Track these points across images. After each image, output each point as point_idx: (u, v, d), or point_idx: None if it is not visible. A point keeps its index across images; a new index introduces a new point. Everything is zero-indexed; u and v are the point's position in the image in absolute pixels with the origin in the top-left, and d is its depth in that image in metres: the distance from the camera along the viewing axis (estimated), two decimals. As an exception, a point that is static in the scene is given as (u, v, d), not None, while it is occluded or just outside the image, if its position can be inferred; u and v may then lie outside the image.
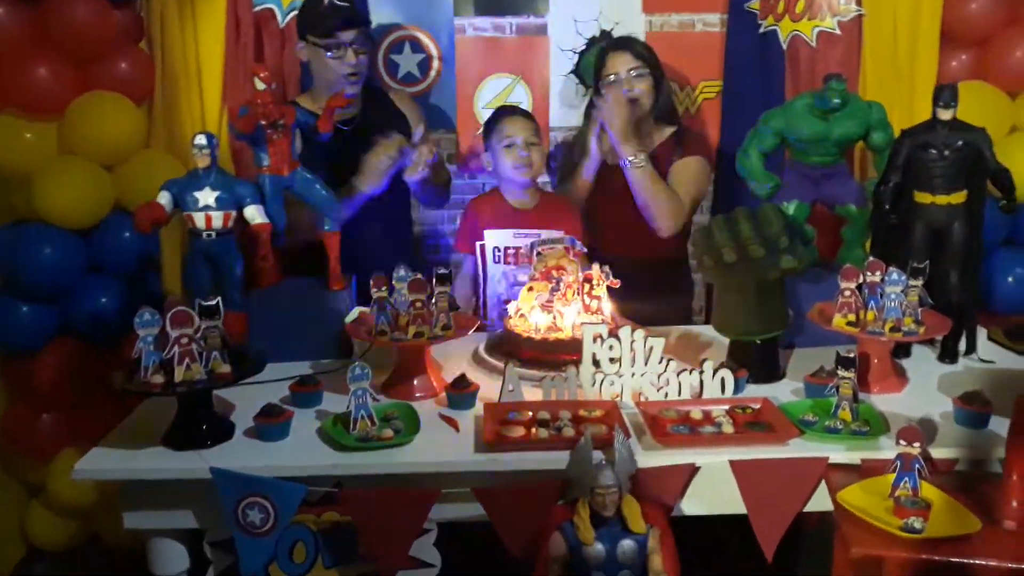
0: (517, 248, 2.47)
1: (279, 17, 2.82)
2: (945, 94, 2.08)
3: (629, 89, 2.59)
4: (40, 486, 2.67)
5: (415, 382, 1.98)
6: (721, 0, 2.98)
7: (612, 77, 2.61)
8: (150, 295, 2.61)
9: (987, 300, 2.65)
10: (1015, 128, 2.77)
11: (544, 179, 2.88)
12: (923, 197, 2.10)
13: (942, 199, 2.09)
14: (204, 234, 2.08)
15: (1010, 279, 2.74)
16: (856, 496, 1.57)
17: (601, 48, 2.73)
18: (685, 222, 2.61)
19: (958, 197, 2.09)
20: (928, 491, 1.55)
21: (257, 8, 2.81)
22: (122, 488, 1.73)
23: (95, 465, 1.70)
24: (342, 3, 2.53)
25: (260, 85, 2.09)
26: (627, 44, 2.65)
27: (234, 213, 2.09)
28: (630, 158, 2.49)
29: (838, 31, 2.85)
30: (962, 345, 2.16)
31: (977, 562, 1.42)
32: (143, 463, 1.69)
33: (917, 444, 1.54)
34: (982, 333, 2.19)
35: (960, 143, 2.07)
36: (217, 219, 2.07)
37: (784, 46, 2.91)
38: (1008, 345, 1.89)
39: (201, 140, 2.05)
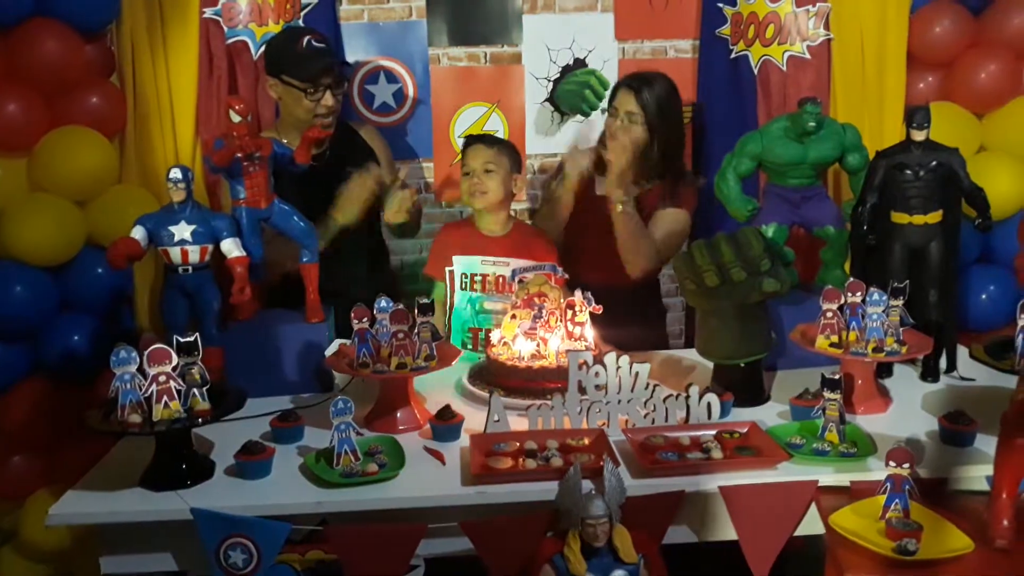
0: (484, 275, 2.45)
1: (252, 49, 2.81)
2: (918, 115, 2.10)
3: (623, 128, 2.57)
4: (12, 531, 2.59)
5: (398, 415, 1.96)
6: (692, 26, 3.02)
7: (615, 112, 2.61)
8: (124, 332, 2.57)
9: (962, 318, 2.68)
10: (983, 148, 2.82)
11: (523, 205, 2.88)
12: (900, 218, 2.13)
13: (919, 219, 2.11)
14: (180, 269, 2.05)
15: (984, 296, 2.78)
16: (847, 519, 1.56)
17: (624, 78, 2.70)
18: (656, 268, 2.60)
19: (934, 217, 2.11)
20: (919, 512, 1.55)
21: (230, 40, 2.80)
22: (100, 532, 1.68)
23: (71, 509, 1.64)
24: (319, 44, 2.52)
25: (236, 117, 2.07)
26: (638, 87, 2.59)
27: (210, 247, 2.07)
28: (618, 204, 2.48)
29: (807, 55, 2.89)
30: (942, 363, 2.18)
31: (972, 583, 1.42)
32: (121, 505, 1.64)
33: (907, 465, 1.54)
34: (962, 351, 2.20)
35: (934, 163, 2.10)
36: (194, 253, 2.04)
37: (755, 71, 2.95)
38: (990, 363, 1.90)
39: (176, 174, 2.02)
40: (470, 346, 2.47)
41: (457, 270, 2.50)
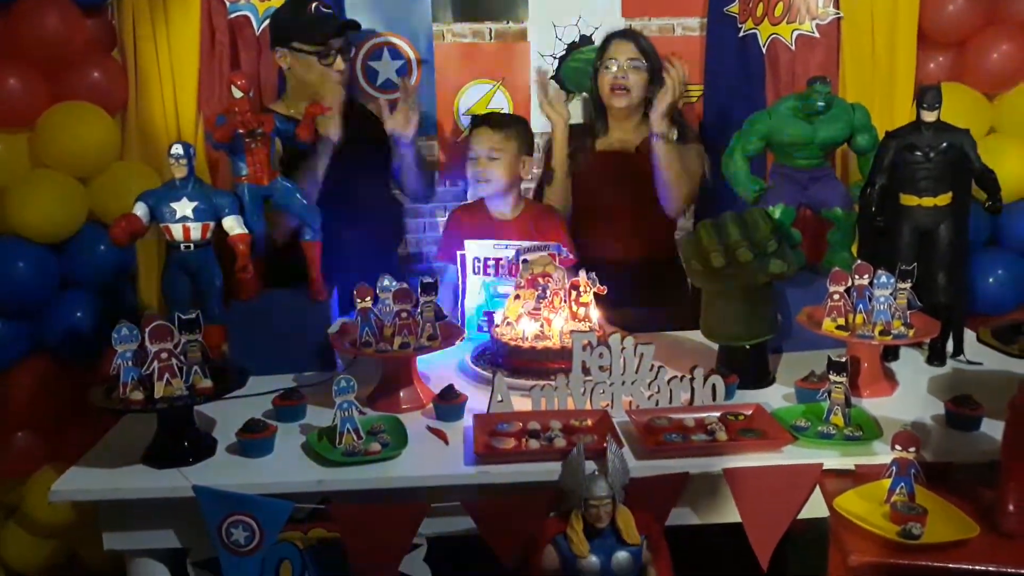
0: (497, 259, 2.44)
1: (254, 24, 2.78)
2: (929, 96, 2.07)
3: (624, 77, 2.62)
4: (15, 507, 2.60)
5: (401, 394, 1.95)
6: (700, 4, 2.97)
7: (611, 63, 2.64)
8: (126, 309, 2.56)
9: (970, 301, 2.65)
10: (993, 129, 2.78)
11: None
12: (909, 199, 2.10)
13: (928, 201, 2.09)
14: (182, 246, 2.03)
15: (991, 280, 2.76)
16: (852, 502, 1.56)
17: (607, 35, 2.76)
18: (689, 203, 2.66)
19: (944, 199, 2.09)
20: (924, 496, 1.54)
21: (232, 15, 2.77)
22: (102, 508, 1.68)
23: (73, 486, 1.64)
24: (327, 10, 2.55)
25: (238, 93, 2.06)
26: (632, 35, 2.68)
27: (212, 224, 2.05)
28: (663, 131, 2.54)
29: (817, 34, 2.85)
30: (949, 347, 2.16)
31: (977, 567, 1.41)
32: (123, 482, 1.64)
33: (912, 449, 1.53)
34: (969, 335, 2.19)
35: (945, 145, 2.07)
36: (195, 230, 2.03)
37: (764, 49, 2.91)
38: (998, 347, 1.89)
39: (178, 150, 2.00)
40: (485, 330, 2.46)
41: (469, 254, 2.49)
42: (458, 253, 2.53)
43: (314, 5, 2.54)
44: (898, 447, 1.54)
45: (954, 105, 2.34)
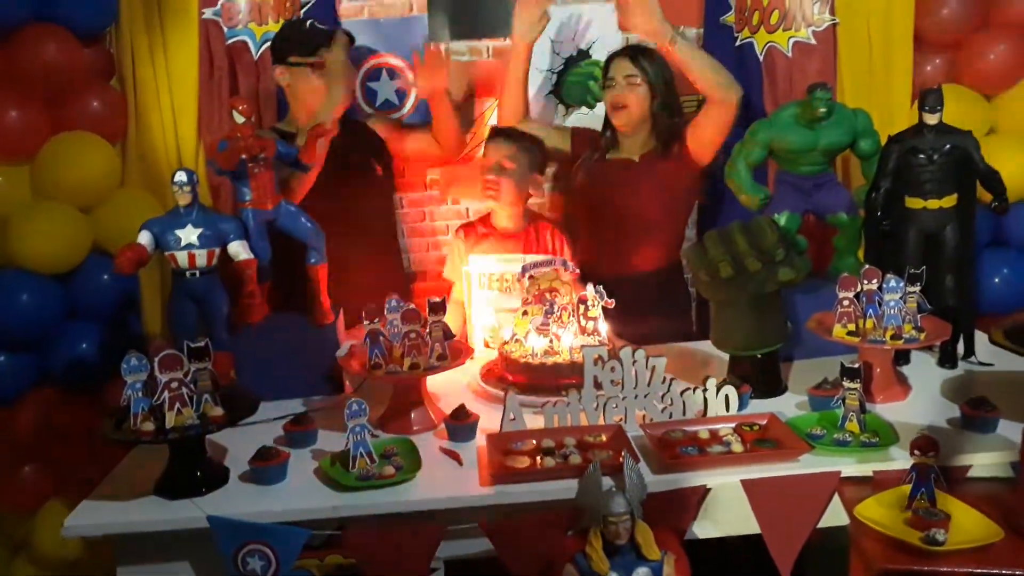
0: (502, 274, 2.44)
1: (252, 49, 2.79)
2: (931, 98, 2.07)
3: (621, 95, 2.61)
4: (24, 542, 2.58)
5: (412, 415, 1.94)
6: (696, 14, 2.98)
7: (611, 82, 2.64)
8: (131, 339, 2.55)
9: (976, 302, 2.65)
10: (993, 130, 2.78)
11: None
12: (914, 203, 2.10)
13: (934, 203, 2.08)
14: (188, 273, 2.03)
15: (997, 280, 2.76)
16: (873, 510, 1.54)
17: (609, 54, 2.76)
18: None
19: (949, 201, 2.08)
20: (945, 501, 1.53)
21: (230, 41, 2.77)
22: (116, 542, 1.66)
23: (86, 520, 1.63)
24: (322, 26, 2.58)
25: (239, 118, 2.06)
26: (630, 52, 2.66)
27: (218, 250, 2.05)
28: (669, 36, 2.50)
29: (813, 41, 2.86)
30: (960, 349, 2.15)
31: (1004, 572, 1.39)
32: (136, 515, 1.63)
33: (932, 454, 1.52)
34: (979, 336, 2.18)
35: (948, 147, 2.07)
36: (201, 257, 2.02)
37: (761, 57, 2.91)
38: (1011, 348, 1.88)
39: (181, 177, 2.00)
40: (494, 346, 2.46)
41: (475, 271, 2.49)
42: (464, 270, 2.53)
43: (310, 22, 2.59)
44: (917, 452, 1.53)
45: (953, 107, 2.34)
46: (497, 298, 2.47)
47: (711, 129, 2.58)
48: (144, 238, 1.99)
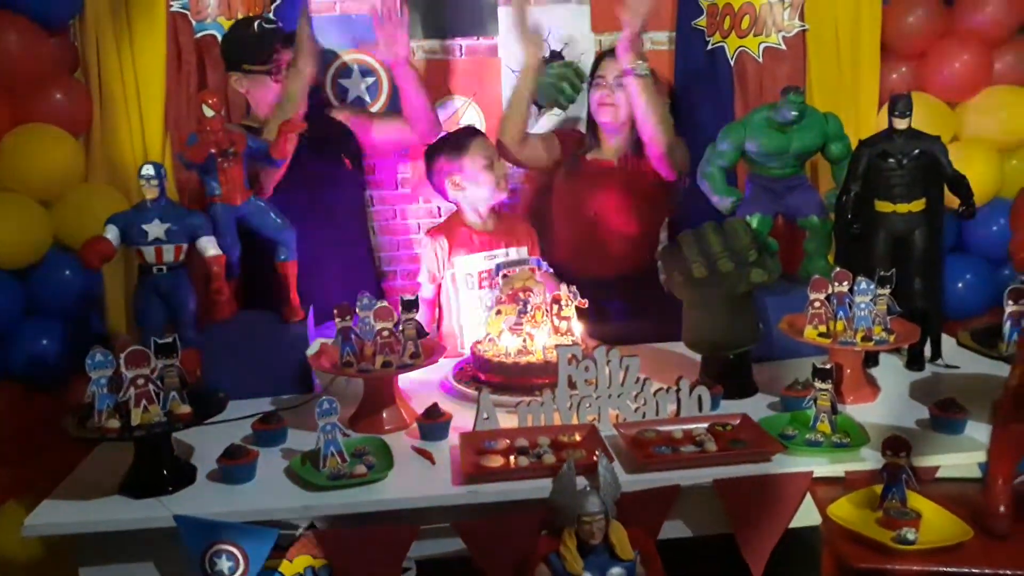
0: (489, 271, 2.43)
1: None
2: (901, 104, 2.10)
3: (610, 93, 2.63)
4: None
5: (384, 414, 1.91)
6: (669, 18, 2.99)
7: (600, 80, 2.67)
8: (94, 335, 2.49)
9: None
10: (956, 137, 2.83)
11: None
12: (884, 206, 2.12)
13: (903, 207, 2.11)
14: (155, 268, 1.99)
15: (960, 285, 2.80)
16: (845, 510, 1.56)
17: (599, 54, 2.79)
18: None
19: (918, 205, 2.11)
20: (916, 501, 1.55)
21: (199, 34, 2.72)
22: (79, 542, 1.62)
23: (48, 519, 1.58)
24: (269, 25, 2.51)
25: (209, 112, 2.02)
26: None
27: (185, 246, 2.01)
28: (636, 63, 2.52)
29: (783, 46, 2.89)
30: (927, 351, 2.18)
31: (973, 571, 1.41)
32: (100, 514, 1.59)
33: (903, 454, 1.53)
34: (945, 339, 2.21)
35: (917, 151, 2.10)
36: (168, 252, 1.98)
37: (732, 62, 2.93)
38: (979, 350, 1.90)
39: (149, 170, 1.97)
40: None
41: (460, 271, 2.47)
42: (448, 272, 2.52)
43: (257, 23, 2.52)
44: (888, 452, 1.55)
45: (917, 114, 2.36)
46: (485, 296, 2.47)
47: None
48: (111, 232, 1.95)
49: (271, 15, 2.58)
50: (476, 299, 2.46)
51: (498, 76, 2.97)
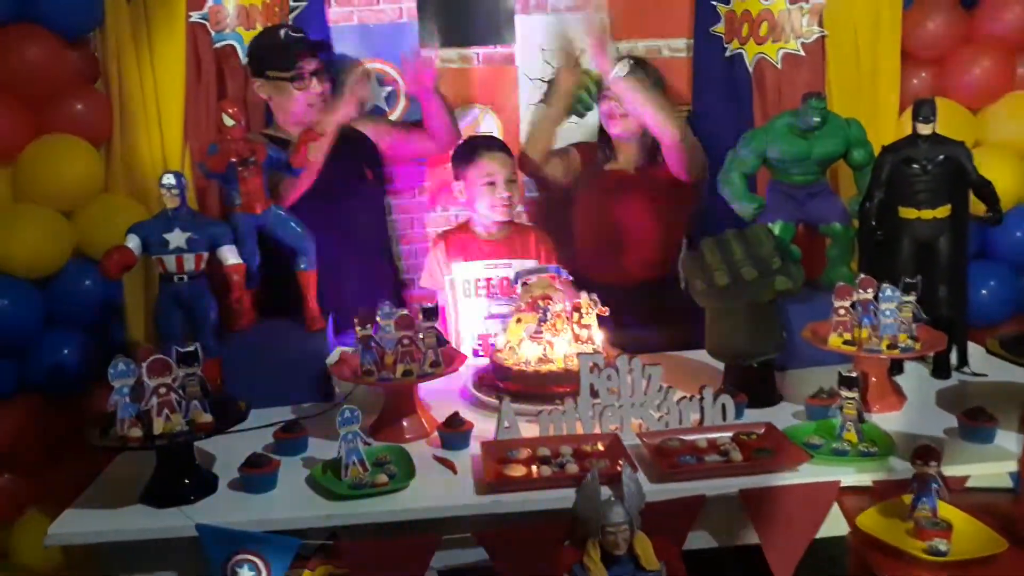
0: (488, 279, 2.42)
1: (240, 53, 2.75)
2: (924, 109, 2.08)
3: (617, 105, 2.62)
4: (2, 552, 2.51)
5: (405, 423, 1.90)
6: (686, 25, 2.98)
7: (607, 91, 2.65)
8: (114, 345, 2.50)
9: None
10: (978, 143, 2.80)
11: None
12: (908, 212, 2.10)
13: (927, 214, 2.09)
14: (175, 278, 1.99)
15: (984, 292, 2.77)
16: (874, 520, 1.53)
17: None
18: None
19: (943, 211, 2.09)
20: (947, 511, 1.52)
21: (218, 45, 2.74)
22: (101, 551, 1.61)
23: (70, 528, 1.58)
24: (296, 34, 2.54)
25: (229, 121, 2.03)
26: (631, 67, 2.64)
27: (206, 255, 2.01)
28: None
29: (802, 52, 2.87)
30: (953, 359, 2.15)
31: (1008, 583, 1.38)
32: (122, 523, 1.58)
33: (934, 463, 1.51)
34: (971, 347, 2.18)
35: (942, 157, 2.08)
36: (189, 261, 1.98)
37: (750, 69, 2.92)
38: (1009, 358, 1.88)
39: (169, 180, 1.97)
40: (481, 353, 2.43)
41: (458, 278, 2.46)
42: (446, 278, 2.51)
43: (284, 31, 2.54)
44: (918, 462, 1.52)
45: (939, 119, 2.35)
46: (485, 304, 2.47)
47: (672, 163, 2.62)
48: (132, 242, 1.96)
49: (293, 28, 2.59)
50: (474, 307, 2.45)
51: (515, 84, 2.97)
